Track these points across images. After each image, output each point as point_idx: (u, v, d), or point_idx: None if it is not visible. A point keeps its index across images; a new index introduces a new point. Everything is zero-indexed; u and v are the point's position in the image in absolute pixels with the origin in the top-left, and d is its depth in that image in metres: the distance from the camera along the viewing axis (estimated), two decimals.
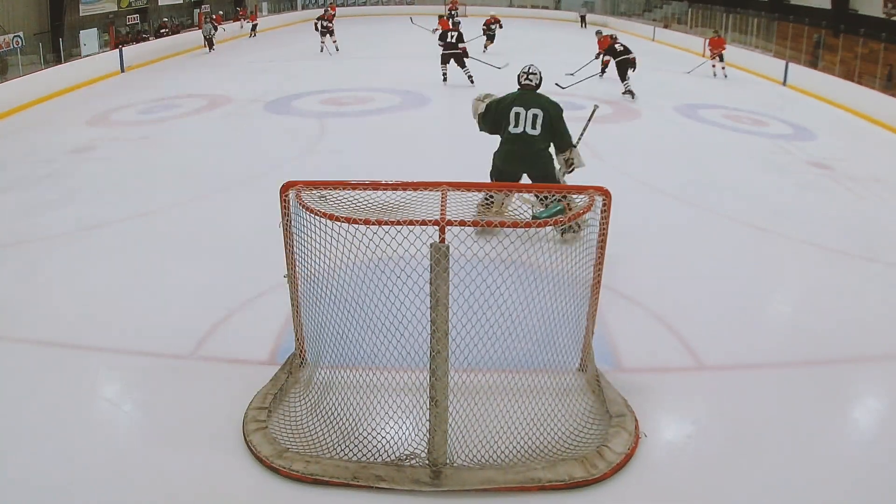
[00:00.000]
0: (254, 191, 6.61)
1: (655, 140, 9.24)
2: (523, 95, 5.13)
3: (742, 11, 20.60)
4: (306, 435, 3.12)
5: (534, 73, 5.18)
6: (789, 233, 5.87)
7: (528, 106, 5.03)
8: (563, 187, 3.14)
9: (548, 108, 5.06)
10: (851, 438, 3.38)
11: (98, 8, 18.91)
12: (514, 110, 5.03)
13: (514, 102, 5.07)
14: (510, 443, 3.03)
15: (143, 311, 4.34)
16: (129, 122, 9.90)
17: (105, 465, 2.98)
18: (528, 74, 5.17)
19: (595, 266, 3.32)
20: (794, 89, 14.24)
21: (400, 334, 3.09)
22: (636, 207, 6.01)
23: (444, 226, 2.75)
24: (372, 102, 10.97)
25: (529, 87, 5.17)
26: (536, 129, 5.02)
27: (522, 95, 5.13)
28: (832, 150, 9.10)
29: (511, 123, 5.04)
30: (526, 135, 5.03)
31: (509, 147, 5.14)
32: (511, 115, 5.04)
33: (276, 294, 4.46)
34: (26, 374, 3.68)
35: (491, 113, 5.17)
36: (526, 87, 5.18)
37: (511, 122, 5.04)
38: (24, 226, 5.83)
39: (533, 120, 5.01)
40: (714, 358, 3.92)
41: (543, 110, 5.03)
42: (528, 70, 5.19)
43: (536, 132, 5.02)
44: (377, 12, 30.88)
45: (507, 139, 5.11)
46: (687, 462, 3.08)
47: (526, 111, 5.02)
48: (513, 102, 5.07)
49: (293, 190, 3.18)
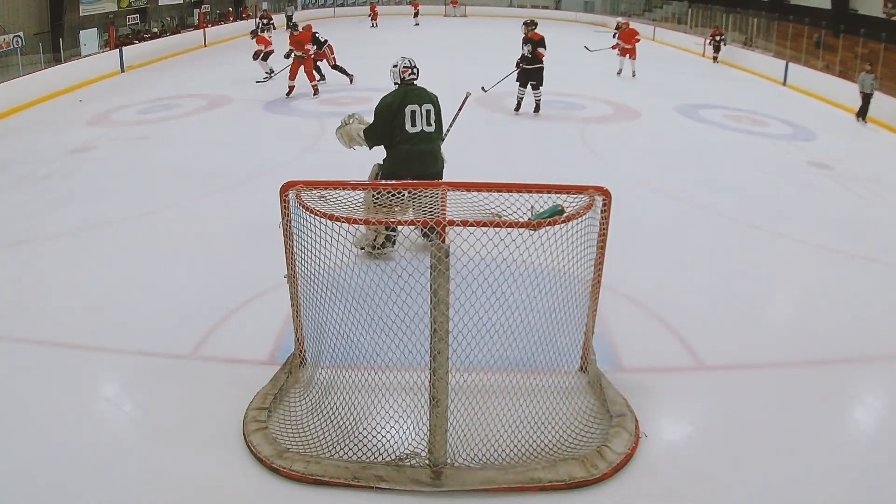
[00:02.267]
0: (254, 191, 6.62)
1: (655, 140, 9.24)
2: (411, 92, 4.79)
3: (742, 11, 20.60)
4: (306, 435, 3.12)
5: (416, 66, 4.86)
6: (789, 233, 5.87)
7: (420, 102, 4.75)
8: (563, 187, 3.13)
9: (435, 101, 4.84)
10: (851, 438, 3.38)
11: (98, 8, 18.89)
12: (409, 108, 4.71)
13: (406, 100, 4.73)
14: (510, 443, 3.03)
15: (143, 310, 4.34)
16: (129, 122, 9.90)
17: (105, 464, 2.98)
18: (411, 69, 4.84)
19: (595, 266, 3.32)
20: (794, 89, 14.24)
21: (400, 334, 3.09)
22: (636, 207, 6.01)
23: (445, 226, 2.75)
24: (371, 102, 10.93)
25: (412, 82, 4.86)
26: (431, 125, 4.78)
27: (410, 92, 4.79)
28: (832, 150, 9.10)
29: (408, 123, 4.71)
30: (424, 133, 4.75)
31: (408, 147, 4.75)
32: (407, 113, 4.70)
33: (276, 294, 4.46)
34: (27, 374, 3.68)
35: (382, 121, 4.77)
36: (410, 83, 4.85)
37: (408, 122, 4.71)
38: (24, 226, 5.83)
39: (427, 116, 4.75)
40: (714, 358, 3.92)
41: (433, 104, 4.81)
42: (411, 64, 4.85)
43: (432, 129, 4.79)
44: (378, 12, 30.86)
45: (405, 139, 4.73)
46: (687, 462, 3.08)
47: (420, 107, 4.73)
48: (404, 101, 4.73)
49: (293, 190, 3.18)
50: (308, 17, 28.49)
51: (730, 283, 4.89)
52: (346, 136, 5.06)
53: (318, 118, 9.82)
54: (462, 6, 31.27)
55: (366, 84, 12.66)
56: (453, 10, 31.24)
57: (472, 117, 9.98)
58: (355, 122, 5.05)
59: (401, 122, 4.70)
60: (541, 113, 10.26)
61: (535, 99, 10.25)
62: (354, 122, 5.05)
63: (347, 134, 5.04)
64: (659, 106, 11.42)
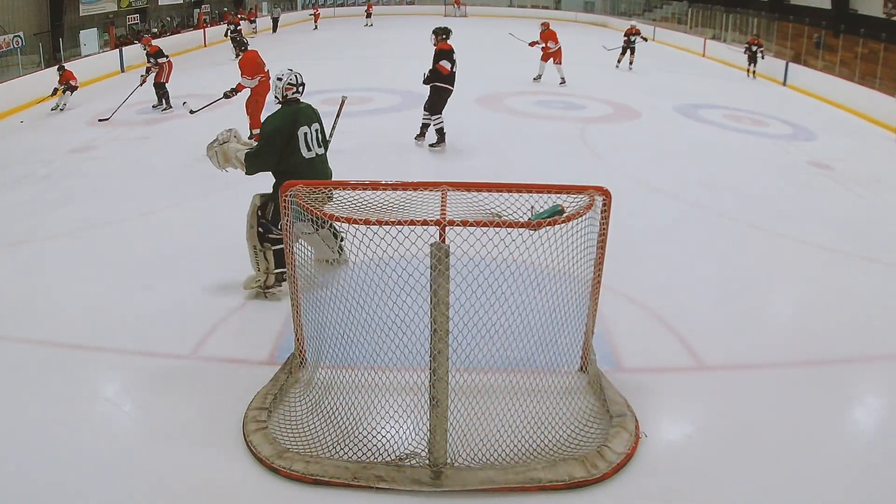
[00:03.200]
0: (254, 190, 6.59)
1: (655, 140, 9.24)
2: (301, 112, 4.24)
3: (742, 11, 20.60)
4: (306, 435, 3.12)
5: (301, 83, 4.31)
6: (789, 233, 5.87)
7: (310, 122, 4.25)
8: (563, 187, 3.13)
9: (320, 118, 4.39)
10: (851, 438, 3.38)
11: (98, 8, 18.91)
12: (302, 131, 4.18)
13: (298, 122, 4.19)
14: (510, 443, 3.03)
15: (144, 310, 4.34)
16: (129, 122, 9.90)
17: (105, 464, 2.98)
18: (296, 86, 4.28)
19: (595, 266, 3.32)
20: (794, 89, 14.23)
21: (400, 334, 3.09)
22: (636, 207, 6.01)
23: (445, 226, 2.75)
24: (371, 102, 10.96)
25: (297, 100, 4.32)
26: (321, 145, 4.31)
27: (300, 112, 4.24)
28: (832, 150, 9.10)
29: (303, 147, 4.18)
30: (317, 157, 4.26)
31: (306, 174, 4.12)
32: (300, 137, 4.16)
33: (277, 294, 4.47)
34: (26, 374, 3.68)
35: (272, 146, 4.15)
36: (294, 101, 4.30)
37: (302, 146, 4.17)
38: (24, 226, 5.84)
39: (316, 136, 4.27)
40: (714, 358, 3.92)
41: (319, 121, 4.36)
42: (297, 80, 4.29)
43: (322, 150, 4.33)
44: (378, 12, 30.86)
45: (299, 165, 4.15)
46: (687, 462, 3.08)
47: (310, 128, 4.23)
48: (296, 123, 4.18)
49: (293, 190, 3.18)
50: (308, 17, 28.53)
51: (730, 283, 4.89)
52: (222, 155, 4.36)
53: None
54: (463, 6, 31.27)
55: (366, 84, 12.67)
56: (454, 10, 31.23)
57: (473, 117, 10.01)
58: (234, 141, 4.39)
59: (294, 146, 4.16)
60: (538, 113, 10.16)
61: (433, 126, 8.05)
62: (233, 142, 4.38)
63: (223, 153, 4.35)
64: (659, 106, 11.42)
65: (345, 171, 4.84)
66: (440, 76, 7.71)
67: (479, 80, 12.49)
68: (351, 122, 9.65)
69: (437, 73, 7.70)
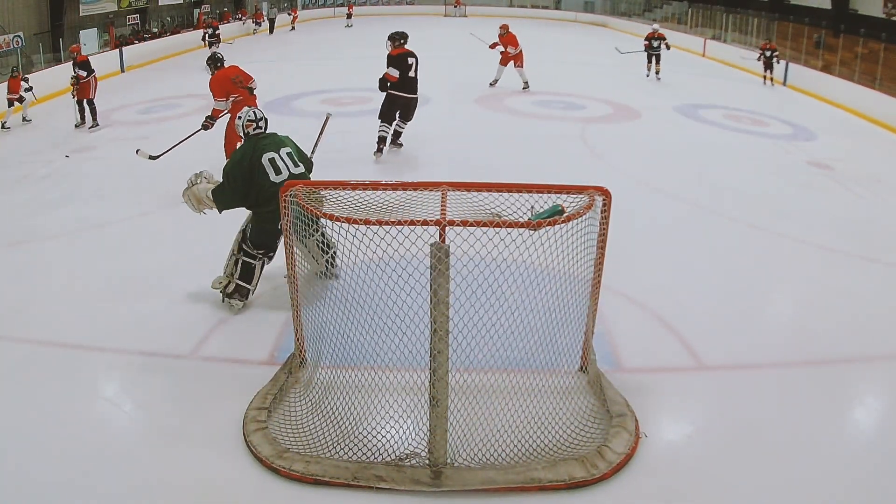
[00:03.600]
0: None
1: (655, 140, 9.23)
2: (261, 142, 4.29)
3: (742, 11, 20.58)
4: (306, 435, 3.12)
5: (261, 118, 4.36)
6: (789, 233, 5.87)
7: (277, 148, 4.29)
8: (563, 187, 3.13)
9: (291, 142, 4.45)
10: (851, 438, 3.38)
11: (98, 8, 18.90)
12: (266, 157, 4.20)
13: (259, 151, 4.22)
14: (510, 443, 3.03)
15: (144, 310, 4.34)
16: (129, 122, 9.90)
17: (105, 464, 2.98)
18: (255, 122, 4.33)
19: (595, 266, 3.32)
20: (794, 89, 14.23)
21: (400, 334, 3.09)
22: (636, 207, 6.01)
23: (445, 226, 2.75)
24: (371, 102, 10.94)
25: (260, 134, 4.37)
26: (299, 164, 4.33)
27: (260, 143, 4.29)
28: (832, 150, 9.10)
29: (271, 173, 4.19)
30: (293, 176, 4.25)
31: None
32: (265, 164, 4.19)
33: (277, 294, 4.47)
34: (26, 374, 3.68)
35: (233, 180, 4.20)
36: (257, 135, 4.35)
37: (270, 172, 4.19)
38: (24, 226, 5.84)
39: (290, 158, 4.30)
40: (714, 358, 3.92)
41: (290, 144, 4.41)
42: (256, 117, 4.34)
43: (301, 168, 4.34)
44: (378, 12, 30.89)
45: (270, 188, 4.13)
46: (687, 462, 3.08)
47: (278, 153, 4.26)
48: (256, 152, 4.21)
49: (293, 190, 3.18)
50: (308, 17, 28.57)
51: (730, 282, 4.89)
52: (194, 198, 4.47)
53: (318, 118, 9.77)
54: (463, 6, 31.28)
55: (365, 84, 12.65)
56: (454, 10, 31.25)
57: (472, 118, 10.01)
58: (203, 181, 4.49)
59: (261, 174, 4.18)
60: (537, 113, 10.16)
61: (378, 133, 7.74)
62: (202, 182, 4.48)
63: (195, 196, 4.46)
64: (659, 106, 11.42)
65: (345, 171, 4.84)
66: (390, 83, 7.49)
67: (478, 80, 12.49)
68: (351, 122, 9.67)
69: (384, 81, 7.51)
